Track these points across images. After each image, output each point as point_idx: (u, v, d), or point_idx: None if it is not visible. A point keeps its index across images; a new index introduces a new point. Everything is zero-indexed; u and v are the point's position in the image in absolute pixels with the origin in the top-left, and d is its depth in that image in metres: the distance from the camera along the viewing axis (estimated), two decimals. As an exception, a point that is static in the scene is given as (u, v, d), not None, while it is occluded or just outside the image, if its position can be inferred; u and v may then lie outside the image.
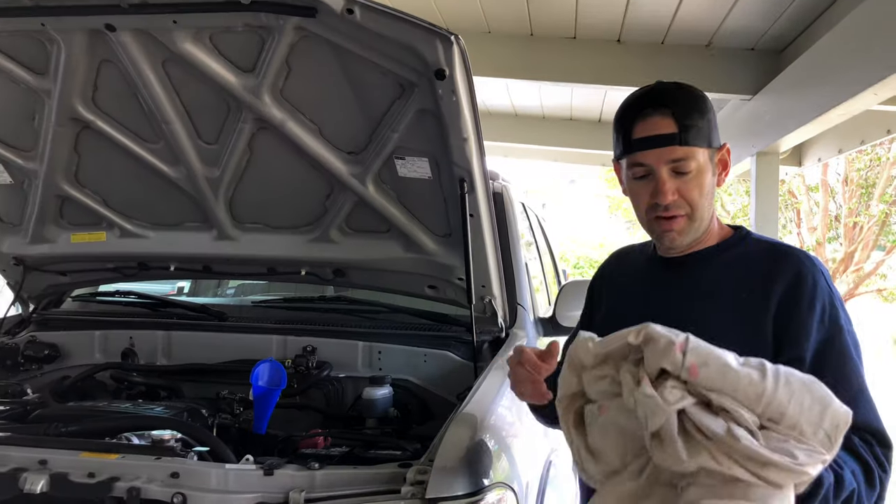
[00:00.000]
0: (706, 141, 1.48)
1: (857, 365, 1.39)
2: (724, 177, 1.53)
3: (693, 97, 1.52)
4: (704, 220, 1.51)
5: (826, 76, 3.80)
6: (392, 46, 1.84)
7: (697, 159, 1.47)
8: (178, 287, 3.72)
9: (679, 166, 1.47)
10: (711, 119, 1.50)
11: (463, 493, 1.57)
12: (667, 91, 1.52)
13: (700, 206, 1.49)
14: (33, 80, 2.14)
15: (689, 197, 1.48)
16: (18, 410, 2.12)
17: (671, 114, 1.46)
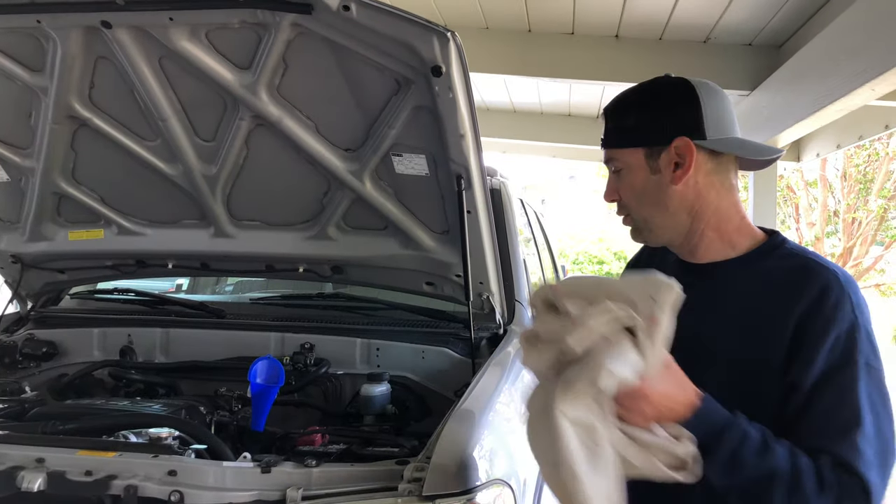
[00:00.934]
0: (635, 140, 1.42)
1: (859, 400, 1.23)
2: (680, 175, 1.38)
3: (629, 99, 1.47)
4: (650, 221, 1.45)
5: (824, 71, 3.80)
6: (388, 43, 1.84)
7: (623, 159, 1.44)
8: (177, 284, 3.73)
9: (612, 167, 1.47)
10: (650, 116, 1.42)
11: (460, 490, 1.57)
12: (615, 98, 1.50)
13: (636, 207, 1.45)
14: (29, 77, 2.14)
15: (623, 197, 1.46)
16: (16, 408, 2.12)
17: (606, 121, 1.48)
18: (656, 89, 1.45)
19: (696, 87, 1.42)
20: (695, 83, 1.43)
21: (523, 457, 1.92)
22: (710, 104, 1.40)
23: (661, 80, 1.47)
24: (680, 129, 1.39)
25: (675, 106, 1.41)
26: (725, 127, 1.42)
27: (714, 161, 1.41)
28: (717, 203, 1.41)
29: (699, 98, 1.40)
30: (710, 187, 1.41)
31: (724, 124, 1.42)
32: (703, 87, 1.42)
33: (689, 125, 1.39)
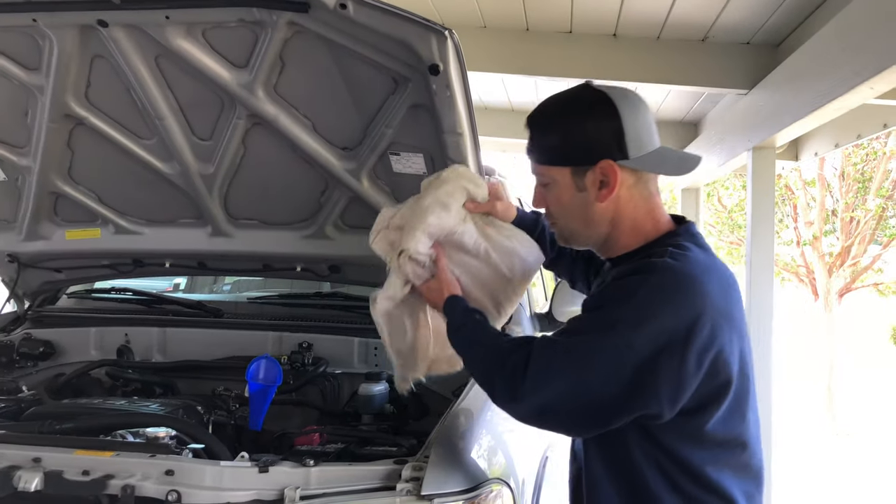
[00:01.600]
0: (559, 160, 1.52)
1: (586, 328, 1.44)
2: (605, 194, 1.49)
3: (552, 114, 1.55)
4: (577, 231, 1.58)
5: (823, 70, 3.79)
6: (385, 41, 1.83)
7: (552, 176, 1.54)
8: (175, 284, 3.72)
9: (539, 180, 1.59)
10: (575, 136, 1.50)
11: (458, 490, 1.57)
12: (536, 111, 1.59)
13: (565, 218, 1.58)
14: (26, 76, 2.13)
15: (550, 207, 1.60)
16: (13, 408, 2.12)
17: (529, 129, 1.58)
18: (579, 107, 1.52)
19: (617, 103, 1.48)
20: (615, 99, 1.49)
21: (522, 456, 1.92)
22: (630, 121, 1.48)
23: (583, 97, 1.53)
24: (604, 151, 1.48)
25: (598, 127, 1.49)
26: (646, 142, 1.51)
27: (635, 176, 1.51)
28: (634, 214, 1.52)
29: (621, 116, 1.48)
30: (629, 201, 1.51)
31: (645, 139, 1.51)
32: (623, 101, 1.49)
33: (612, 146, 1.48)
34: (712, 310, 1.39)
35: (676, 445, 1.44)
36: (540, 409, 1.43)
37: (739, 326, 1.46)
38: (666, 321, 1.36)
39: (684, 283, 1.40)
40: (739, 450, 1.47)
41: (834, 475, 7.89)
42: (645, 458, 1.45)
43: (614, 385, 1.37)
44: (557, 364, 1.41)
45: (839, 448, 9.39)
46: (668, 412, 1.39)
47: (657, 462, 1.45)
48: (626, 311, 1.39)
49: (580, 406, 1.41)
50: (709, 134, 6.32)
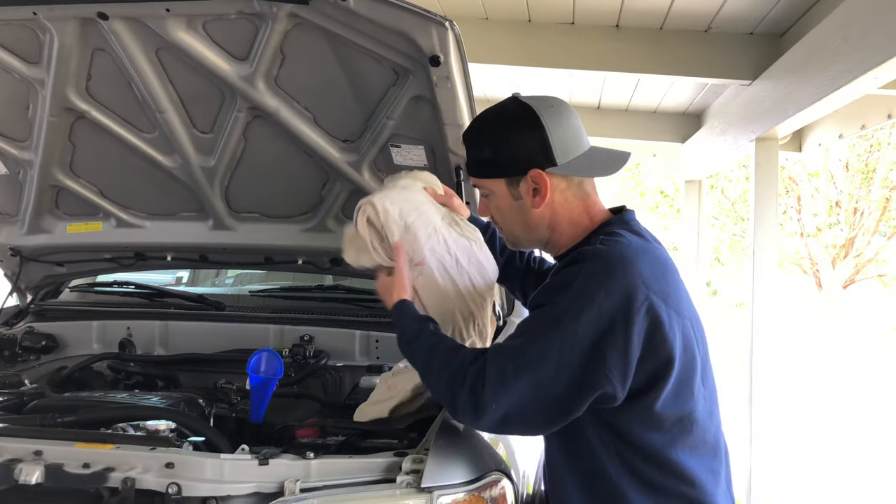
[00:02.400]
0: (493, 172, 1.63)
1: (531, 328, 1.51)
2: (539, 201, 1.59)
3: (480, 129, 1.66)
4: (521, 235, 1.68)
5: (826, 60, 3.77)
6: (386, 33, 1.83)
7: (489, 187, 1.65)
8: (178, 277, 3.72)
9: (480, 192, 1.70)
10: (503, 149, 1.60)
11: (459, 482, 1.57)
12: (469, 127, 1.72)
13: (507, 225, 1.69)
14: (26, 69, 2.13)
15: (493, 215, 1.70)
16: (15, 401, 2.12)
17: (466, 148, 1.70)
18: (505, 121, 1.61)
19: (541, 115, 1.58)
20: (539, 111, 1.58)
21: (522, 448, 1.92)
22: (555, 131, 1.58)
23: (508, 111, 1.62)
24: (532, 161, 1.58)
25: (524, 139, 1.58)
26: (572, 147, 1.60)
27: (566, 180, 1.61)
28: (570, 215, 1.63)
29: (545, 127, 1.57)
30: (564, 203, 1.62)
31: (571, 145, 1.60)
32: (547, 112, 1.59)
33: (540, 155, 1.58)
34: (646, 288, 1.46)
35: (632, 430, 1.50)
36: (503, 417, 1.48)
37: (677, 305, 1.51)
38: (603, 304, 1.44)
39: (616, 266, 1.48)
40: (692, 426, 1.53)
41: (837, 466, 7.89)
42: (604, 448, 1.52)
43: (567, 376, 1.44)
44: (511, 369, 1.47)
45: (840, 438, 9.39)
46: (621, 392, 1.46)
47: (616, 450, 1.52)
48: (565, 303, 1.47)
49: (540, 405, 1.47)
50: (712, 125, 6.29)
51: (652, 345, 1.46)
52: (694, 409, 1.53)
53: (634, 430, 1.51)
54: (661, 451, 1.51)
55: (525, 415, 1.48)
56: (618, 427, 1.51)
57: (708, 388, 1.58)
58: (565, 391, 1.45)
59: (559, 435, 1.56)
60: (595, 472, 1.54)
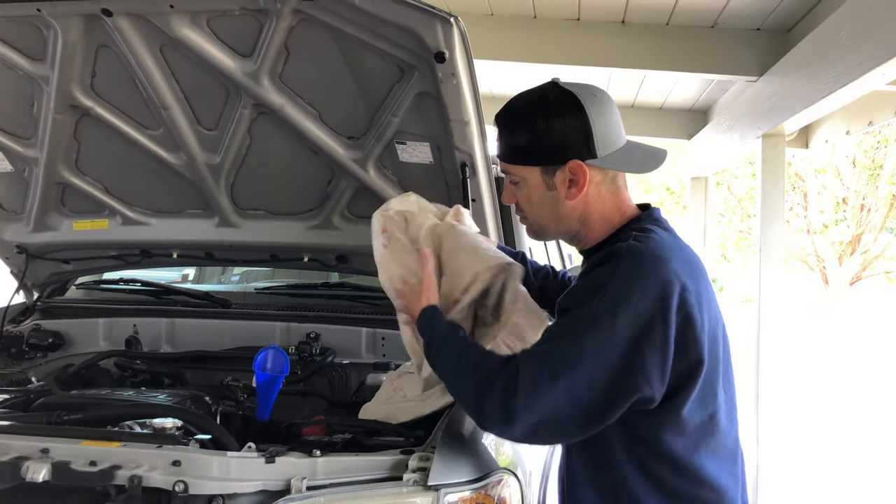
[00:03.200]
0: (529, 160, 1.56)
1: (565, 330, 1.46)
2: (574, 193, 1.54)
3: (519, 114, 1.57)
4: (547, 227, 1.63)
5: (834, 56, 3.75)
6: (391, 29, 1.82)
7: (522, 175, 1.58)
8: (184, 274, 3.72)
9: (509, 178, 1.62)
10: (543, 137, 1.53)
11: (465, 480, 1.56)
12: (510, 103, 1.61)
13: (533, 216, 1.63)
14: (31, 66, 2.13)
15: (521, 204, 1.63)
16: (21, 398, 2.12)
17: (499, 132, 1.62)
18: (547, 106, 1.54)
19: (585, 103, 1.52)
20: (583, 98, 1.53)
21: (529, 447, 1.91)
22: (598, 120, 1.52)
23: (550, 96, 1.55)
24: (573, 151, 1.52)
25: (566, 127, 1.52)
26: (613, 140, 1.55)
27: (603, 173, 1.56)
28: (602, 209, 1.57)
29: (588, 116, 1.52)
30: (598, 197, 1.57)
31: (612, 137, 1.55)
32: (590, 101, 1.53)
33: (581, 146, 1.52)
34: (680, 286, 1.42)
35: (656, 435, 1.46)
36: (535, 425, 1.43)
37: (708, 304, 1.48)
38: (640, 304, 1.40)
39: (650, 265, 1.44)
40: (714, 430, 1.50)
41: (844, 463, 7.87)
42: (627, 456, 1.48)
43: (605, 380, 1.39)
44: (546, 374, 1.41)
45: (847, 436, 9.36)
46: (659, 394, 1.41)
47: (639, 458, 1.47)
48: (601, 304, 1.42)
49: (575, 411, 1.41)
50: (718, 121, 6.27)
51: (684, 344, 1.42)
52: (717, 413, 1.50)
53: (659, 434, 1.46)
54: (685, 457, 1.47)
55: (559, 422, 1.42)
56: (642, 433, 1.47)
57: (728, 393, 1.55)
58: (602, 396, 1.40)
59: (580, 442, 1.51)
60: (615, 480, 1.49)
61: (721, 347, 1.52)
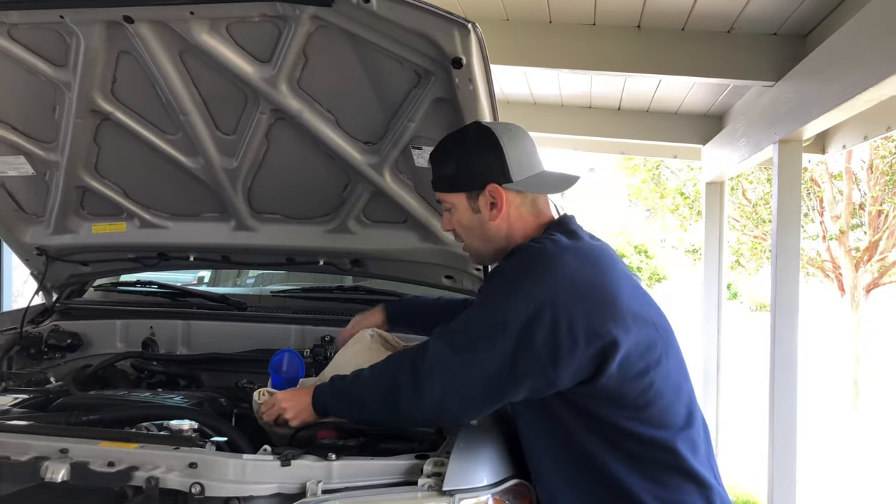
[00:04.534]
0: (455, 187, 1.80)
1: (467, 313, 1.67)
2: (495, 213, 1.76)
3: (445, 148, 1.82)
4: (481, 249, 1.85)
5: (852, 61, 3.72)
6: (408, 35, 1.83)
7: (452, 201, 1.82)
8: (199, 277, 3.75)
9: (444, 206, 1.85)
10: (464, 165, 1.77)
11: (481, 485, 1.57)
12: (436, 147, 1.86)
13: (467, 237, 1.85)
14: (53, 72, 2.15)
15: (456, 231, 1.86)
16: (40, 399, 2.15)
17: (431, 167, 1.87)
18: (467, 141, 1.79)
19: (500, 136, 1.76)
20: (498, 133, 1.77)
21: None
22: (512, 151, 1.76)
23: (471, 133, 1.80)
24: (490, 177, 1.75)
25: (483, 156, 1.76)
26: (527, 167, 1.78)
27: (521, 196, 1.78)
28: (524, 230, 1.79)
29: (502, 147, 1.75)
30: (519, 218, 1.79)
31: (526, 164, 1.78)
32: (505, 134, 1.77)
33: (497, 172, 1.75)
34: (573, 281, 1.61)
35: (597, 408, 1.62)
36: (441, 397, 1.60)
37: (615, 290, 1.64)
38: (531, 290, 1.59)
39: (542, 259, 1.64)
40: (656, 399, 1.63)
41: (858, 472, 7.78)
42: (578, 425, 1.63)
43: (499, 355, 1.57)
44: (449, 349, 1.61)
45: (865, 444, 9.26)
46: (556, 377, 1.57)
47: (588, 426, 1.62)
48: (496, 289, 1.66)
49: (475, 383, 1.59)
50: (734, 127, 6.24)
51: (588, 332, 1.56)
52: (654, 383, 1.63)
53: (600, 408, 1.61)
54: (631, 426, 1.61)
55: (461, 394, 1.60)
56: (584, 407, 1.62)
57: (673, 362, 1.69)
58: (498, 370, 1.57)
59: (533, 421, 1.67)
60: (574, 448, 1.63)
61: (650, 323, 1.66)
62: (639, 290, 1.72)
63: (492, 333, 1.59)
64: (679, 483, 1.63)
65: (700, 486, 1.65)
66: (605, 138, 7.27)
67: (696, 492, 1.65)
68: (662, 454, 1.63)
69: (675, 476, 1.63)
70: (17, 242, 2.75)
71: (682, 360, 1.75)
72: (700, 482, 1.65)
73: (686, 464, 1.64)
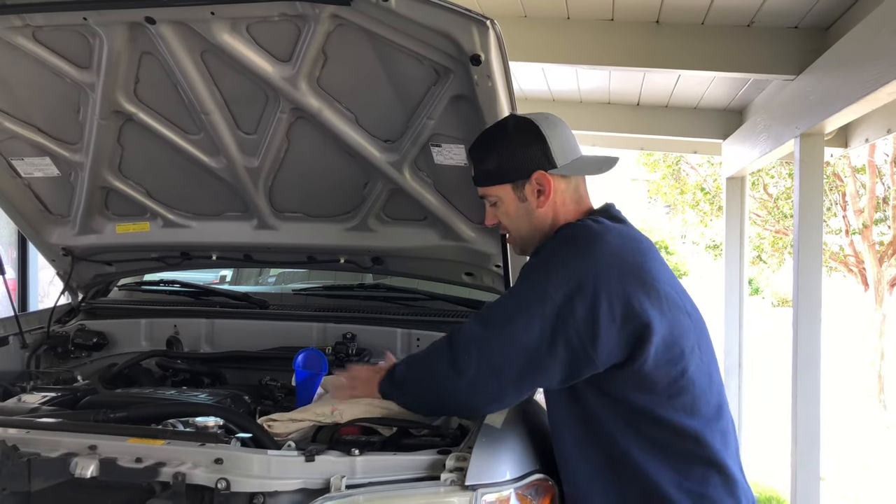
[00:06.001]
0: (500, 179, 1.81)
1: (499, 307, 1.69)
2: (543, 200, 1.79)
3: (486, 143, 1.83)
4: (528, 238, 1.85)
5: (875, 53, 3.68)
6: (427, 33, 1.84)
7: (497, 194, 1.83)
8: (221, 276, 3.78)
9: (488, 201, 1.87)
10: (509, 157, 1.79)
11: (503, 480, 1.57)
12: (475, 143, 1.87)
13: (515, 228, 1.86)
14: (77, 73, 2.18)
15: (501, 221, 1.87)
16: (69, 396, 2.18)
17: (470, 161, 1.90)
18: (508, 133, 1.81)
19: (540, 125, 1.79)
20: (538, 122, 1.80)
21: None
22: (553, 137, 1.79)
23: (511, 125, 1.82)
24: (535, 164, 1.78)
25: (527, 145, 1.79)
26: (569, 152, 1.81)
27: (566, 181, 1.82)
28: (567, 216, 1.81)
29: (544, 134, 1.79)
30: (563, 204, 1.82)
31: (567, 150, 1.81)
32: (544, 122, 1.80)
33: (542, 159, 1.78)
34: (616, 259, 1.64)
35: (629, 394, 1.63)
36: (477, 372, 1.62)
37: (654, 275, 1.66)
38: (573, 266, 1.63)
39: (586, 236, 1.69)
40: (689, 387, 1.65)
41: (882, 468, 7.69)
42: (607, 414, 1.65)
43: (538, 327, 1.59)
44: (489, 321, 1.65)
45: (889, 439, 9.15)
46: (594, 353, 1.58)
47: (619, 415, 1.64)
48: (538, 263, 1.70)
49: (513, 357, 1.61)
50: (754, 121, 6.18)
51: (627, 310, 1.59)
52: (687, 370, 1.65)
53: (631, 395, 1.63)
54: (660, 412, 1.64)
55: (498, 371, 1.61)
56: (615, 394, 1.64)
57: (705, 353, 1.70)
58: (536, 343, 1.59)
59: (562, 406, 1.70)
60: (600, 435, 1.65)
61: (687, 315, 1.69)
62: (675, 278, 1.75)
63: (532, 305, 1.62)
64: (704, 474, 1.63)
65: (726, 479, 1.66)
66: (625, 134, 7.23)
67: (721, 484, 1.65)
68: (692, 444, 1.64)
69: (702, 467, 1.64)
70: (44, 243, 2.80)
71: (713, 353, 1.77)
72: (726, 475, 1.66)
73: (715, 455, 1.64)
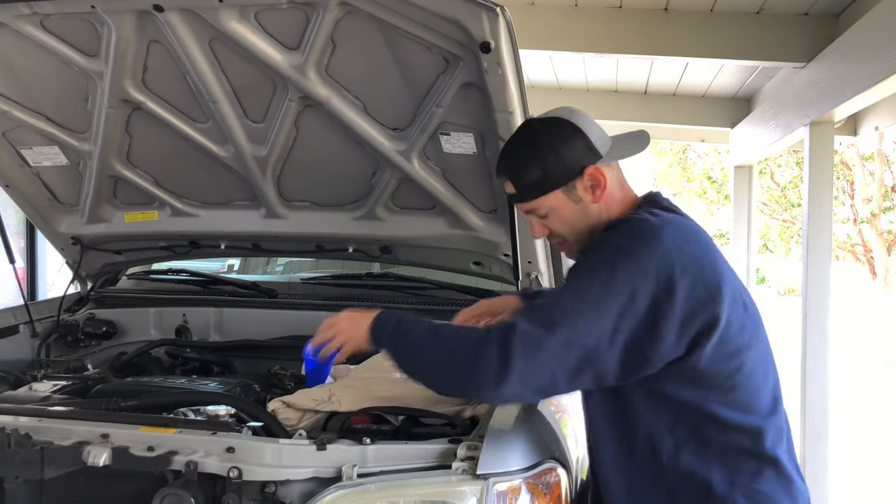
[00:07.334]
0: (549, 186, 1.68)
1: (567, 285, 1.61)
2: (599, 194, 1.68)
3: (520, 154, 1.70)
4: (586, 238, 1.72)
5: (885, 41, 3.65)
6: (436, 20, 1.82)
7: (546, 204, 1.70)
8: (228, 265, 3.79)
9: (536, 214, 1.73)
10: (554, 161, 1.66)
11: (514, 469, 1.57)
12: (503, 155, 1.75)
13: (572, 232, 1.73)
14: (85, 62, 2.18)
15: (555, 230, 1.74)
16: (80, 385, 2.19)
17: (508, 178, 1.73)
18: (542, 137, 1.69)
19: (571, 119, 1.70)
20: (566, 116, 1.70)
21: (576, 436, 1.92)
22: (588, 128, 1.69)
23: (539, 128, 1.71)
24: (583, 160, 1.68)
25: (569, 144, 1.68)
26: (605, 138, 1.73)
27: (610, 170, 1.72)
28: (616, 204, 1.72)
29: (580, 128, 1.69)
30: (611, 194, 1.71)
31: (604, 136, 1.72)
32: (574, 115, 1.71)
33: (587, 153, 1.68)
34: (678, 253, 1.55)
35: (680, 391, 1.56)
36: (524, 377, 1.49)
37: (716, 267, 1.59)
38: (642, 258, 1.54)
39: (648, 230, 1.59)
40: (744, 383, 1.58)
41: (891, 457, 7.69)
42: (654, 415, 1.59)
43: (600, 325, 1.49)
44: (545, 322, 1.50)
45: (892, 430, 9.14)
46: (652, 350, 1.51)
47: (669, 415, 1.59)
48: (598, 258, 1.58)
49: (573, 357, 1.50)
50: (763, 109, 6.15)
51: (690, 306, 1.52)
52: (743, 367, 1.58)
53: (681, 390, 1.56)
54: (714, 408, 1.56)
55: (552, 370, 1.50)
56: (664, 389, 1.57)
57: (761, 349, 1.65)
58: (596, 341, 1.49)
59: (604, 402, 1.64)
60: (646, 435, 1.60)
61: (744, 308, 1.61)
62: (733, 270, 1.67)
63: (599, 301, 1.51)
64: (757, 470, 1.56)
65: (780, 475, 1.58)
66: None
67: (775, 479, 1.57)
68: (744, 440, 1.57)
69: (754, 462, 1.56)
70: (53, 232, 2.80)
71: (769, 346, 1.69)
72: (780, 471, 1.58)
73: (768, 451, 1.57)
